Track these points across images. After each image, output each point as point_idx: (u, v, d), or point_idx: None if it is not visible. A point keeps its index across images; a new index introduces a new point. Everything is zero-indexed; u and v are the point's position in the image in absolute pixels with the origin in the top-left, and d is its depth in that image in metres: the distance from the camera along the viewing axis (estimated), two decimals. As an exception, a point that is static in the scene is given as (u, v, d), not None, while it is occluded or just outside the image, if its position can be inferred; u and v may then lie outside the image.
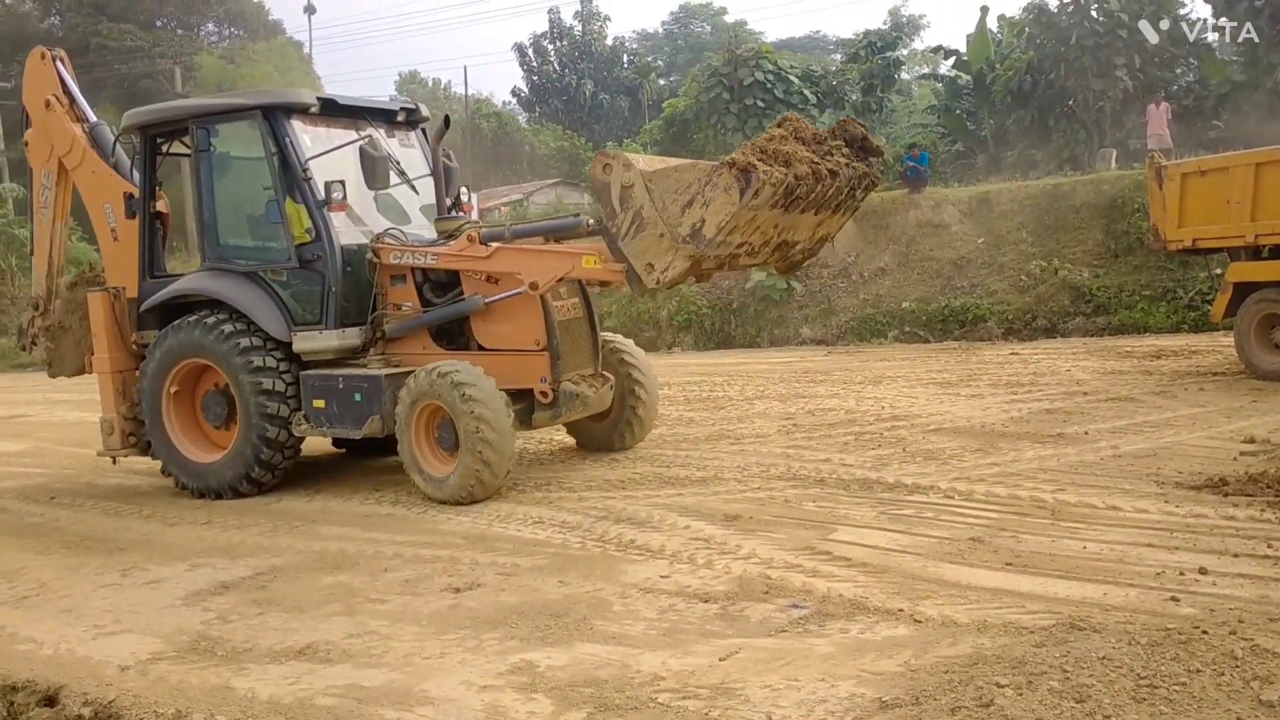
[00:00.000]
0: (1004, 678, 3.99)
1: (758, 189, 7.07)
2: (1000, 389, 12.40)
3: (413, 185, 9.77)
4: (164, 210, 9.94)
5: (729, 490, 7.95)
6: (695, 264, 7.59)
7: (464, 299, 8.83)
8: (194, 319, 9.14)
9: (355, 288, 8.95)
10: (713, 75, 30.76)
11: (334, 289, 8.83)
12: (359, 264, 8.95)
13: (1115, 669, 3.97)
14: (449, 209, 9.68)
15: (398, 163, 9.50)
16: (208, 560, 7.07)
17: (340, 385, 8.74)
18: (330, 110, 9.30)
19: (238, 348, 8.88)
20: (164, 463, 9.46)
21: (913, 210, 21.55)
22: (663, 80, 51.17)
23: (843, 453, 9.09)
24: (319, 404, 8.81)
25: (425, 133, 10.21)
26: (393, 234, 9.21)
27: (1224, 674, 3.93)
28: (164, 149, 9.87)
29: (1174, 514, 6.44)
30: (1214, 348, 14.51)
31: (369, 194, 9.23)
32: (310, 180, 8.80)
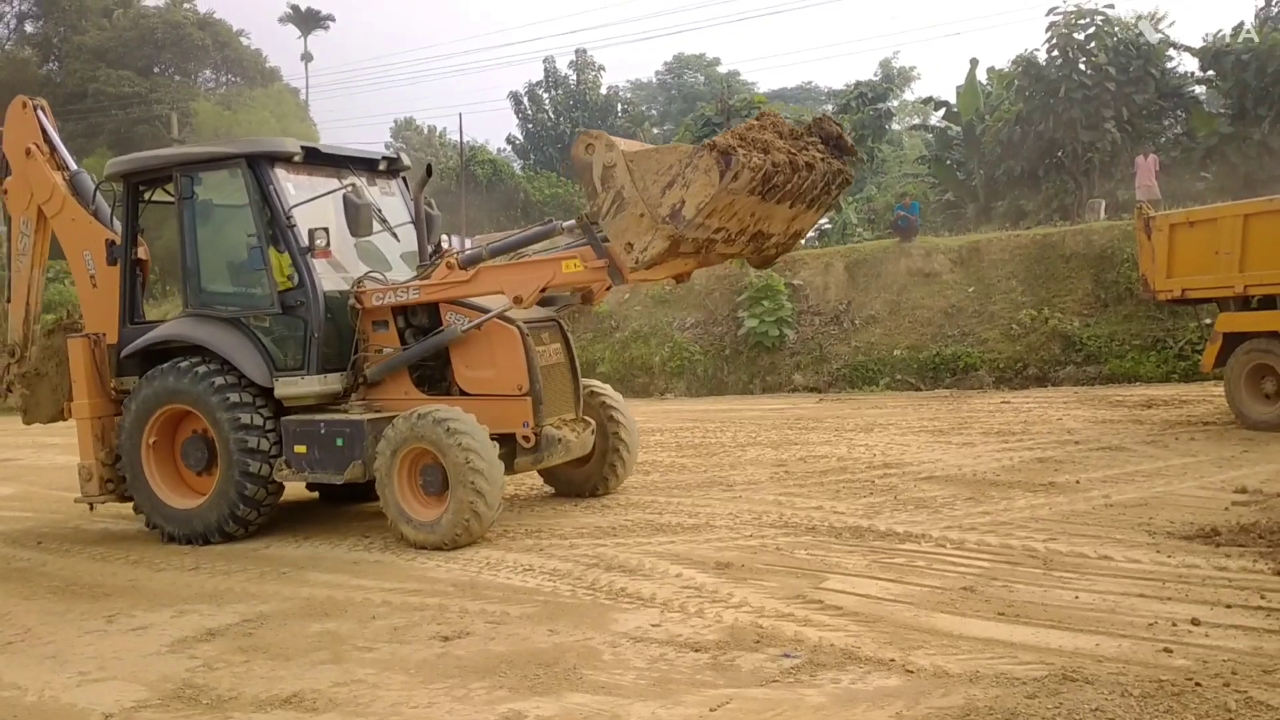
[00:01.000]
0: (996, 729, 3.96)
1: (737, 172, 7.17)
2: (991, 437, 12.42)
3: (394, 233, 9.85)
4: (144, 257, 9.98)
5: (721, 538, 7.91)
6: (674, 245, 7.61)
7: (444, 330, 8.83)
8: (176, 365, 9.14)
9: (336, 334, 8.97)
10: (706, 125, 31.10)
11: (316, 334, 8.84)
12: (340, 310, 8.97)
13: (1108, 721, 3.94)
14: (430, 256, 9.73)
15: (379, 210, 9.57)
16: (194, 606, 7.00)
17: (322, 430, 8.73)
18: (313, 159, 9.39)
19: (220, 394, 8.88)
20: (143, 509, 9.39)
21: (904, 259, 21.68)
22: (656, 129, 51.67)
23: (834, 500, 9.07)
24: (300, 449, 8.79)
25: (406, 181, 10.33)
26: (373, 277, 9.24)
27: (1217, 726, 3.91)
28: (146, 196, 9.89)
29: (1166, 564, 6.42)
30: (1204, 397, 14.56)
31: (350, 241, 9.29)
32: (294, 227, 8.85)
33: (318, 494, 10.82)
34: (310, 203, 9.04)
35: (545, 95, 53.49)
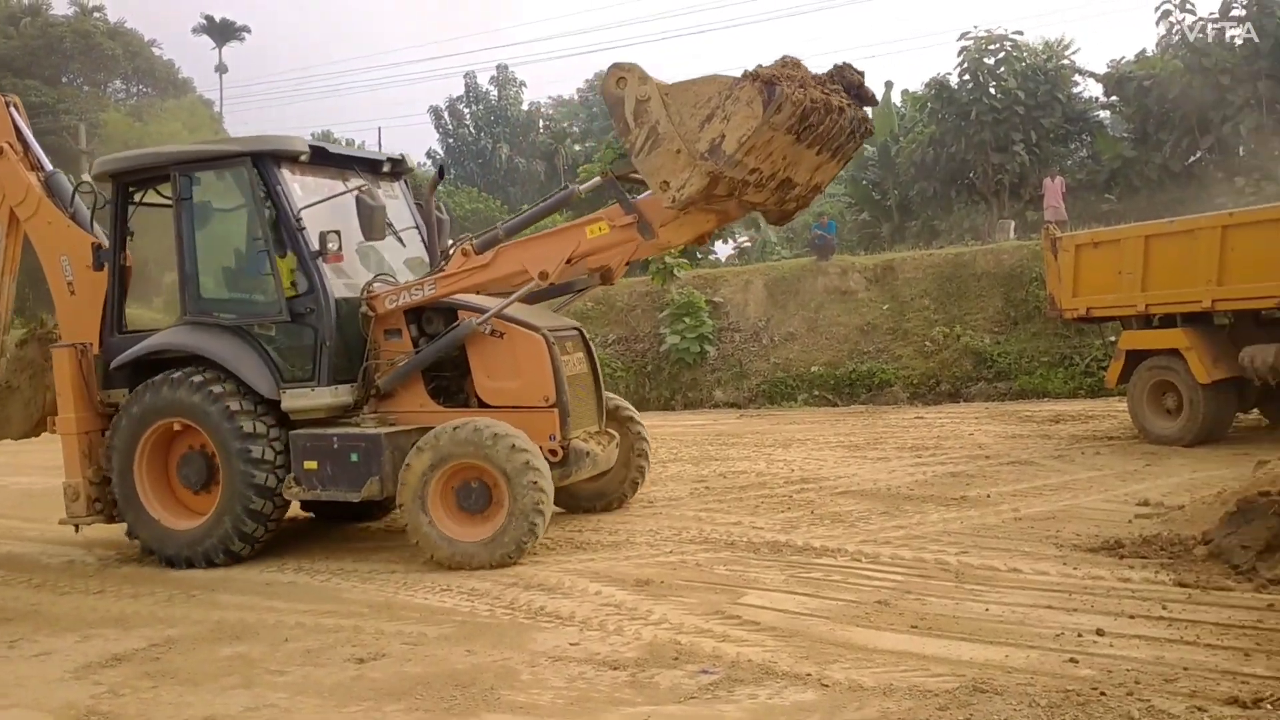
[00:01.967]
0: (909, 741, 4.02)
1: (780, 104, 6.93)
2: (905, 452, 12.65)
3: (400, 237, 9.53)
4: (128, 264, 9.38)
5: (641, 555, 7.93)
6: (713, 182, 7.31)
7: (459, 325, 8.43)
8: (176, 376, 8.57)
9: (344, 343, 8.56)
10: (608, 147, 31.15)
11: (328, 343, 8.41)
12: (349, 318, 8.59)
13: (1016, 731, 4.03)
14: (440, 261, 9.26)
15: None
16: (99, 631, 6.78)
17: (335, 445, 8.25)
18: (318, 158, 9.01)
19: (219, 403, 8.38)
20: (137, 532, 8.81)
21: (821, 277, 22.02)
22: (578, 146, 51.68)
23: (753, 515, 9.15)
24: (311, 466, 8.29)
25: (408, 184, 10.05)
26: (385, 280, 8.91)
27: (1120, 734, 4.02)
28: (137, 198, 9.29)
29: (1072, 576, 6.60)
30: (1109, 412, 15.02)
31: (351, 246, 8.86)
32: (304, 230, 8.46)
33: (313, 513, 10.31)
34: (320, 204, 8.61)
35: (466, 110, 53.29)
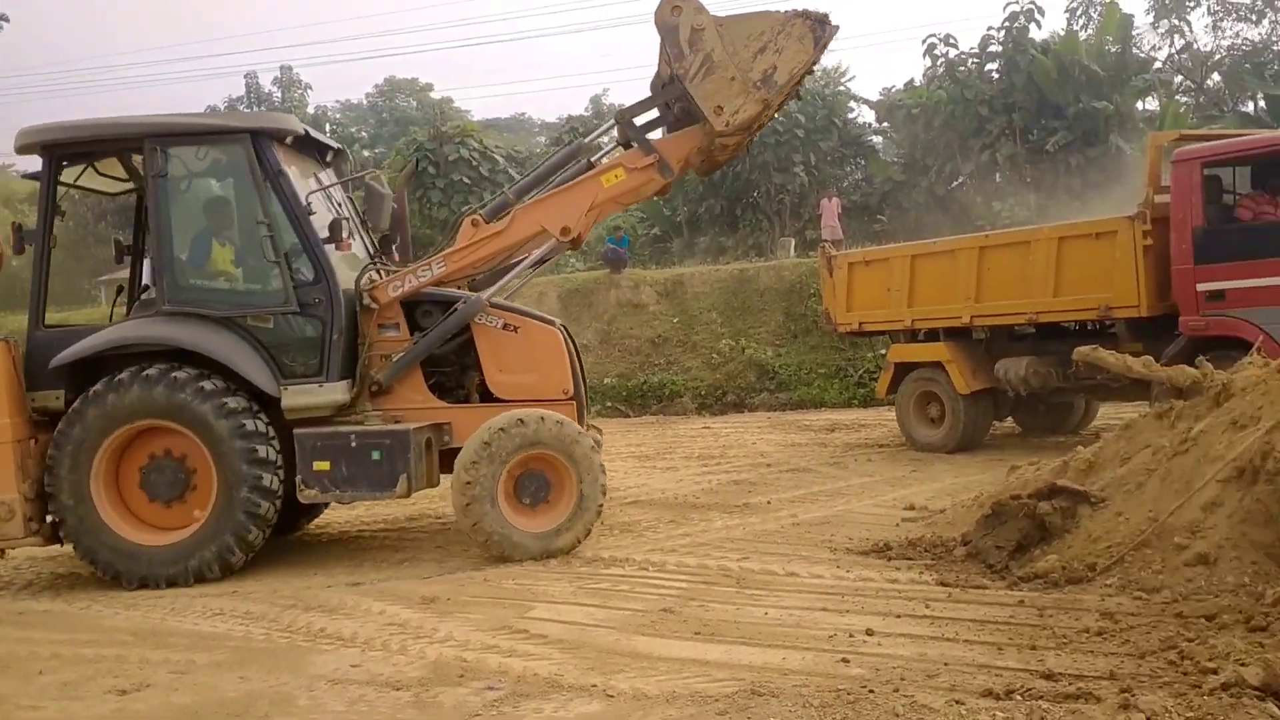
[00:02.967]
0: (690, 747, 4.09)
1: (828, 40, 7.73)
2: (693, 462, 12.95)
3: (367, 230, 9.02)
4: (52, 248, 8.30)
5: (427, 571, 7.78)
6: (764, 109, 7.93)
7: (465, 303, 8.25)
8: (150, 373, 7.67)
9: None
10: (418, 150, 30.73)
11: (336, 337, 7.93)
12: (346, 309, 8.09)
13: (791, 731, 4.17)
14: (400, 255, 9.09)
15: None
16: None
17: (353, 443, 7.79)
18: (297, 143, 8.46)
19: (210, 400, 7.63)
20: (92, 553, 7.78)
21: (614, 290, 22.31)
22: (367, 152, 50.46)
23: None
24: (322, 466, 7.79)
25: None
26: (385, 269, 8.46)
27: (886, 728, 4.23)
28: (73, 177, 8.31)
29: (845, 578, 6.90)
30: (880, 421, 15.83)
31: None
32: (313, 215, 7.96)
33: None
34: (325, 190, 8.31)
35: (246, 111, 51.05)
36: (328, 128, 52.03)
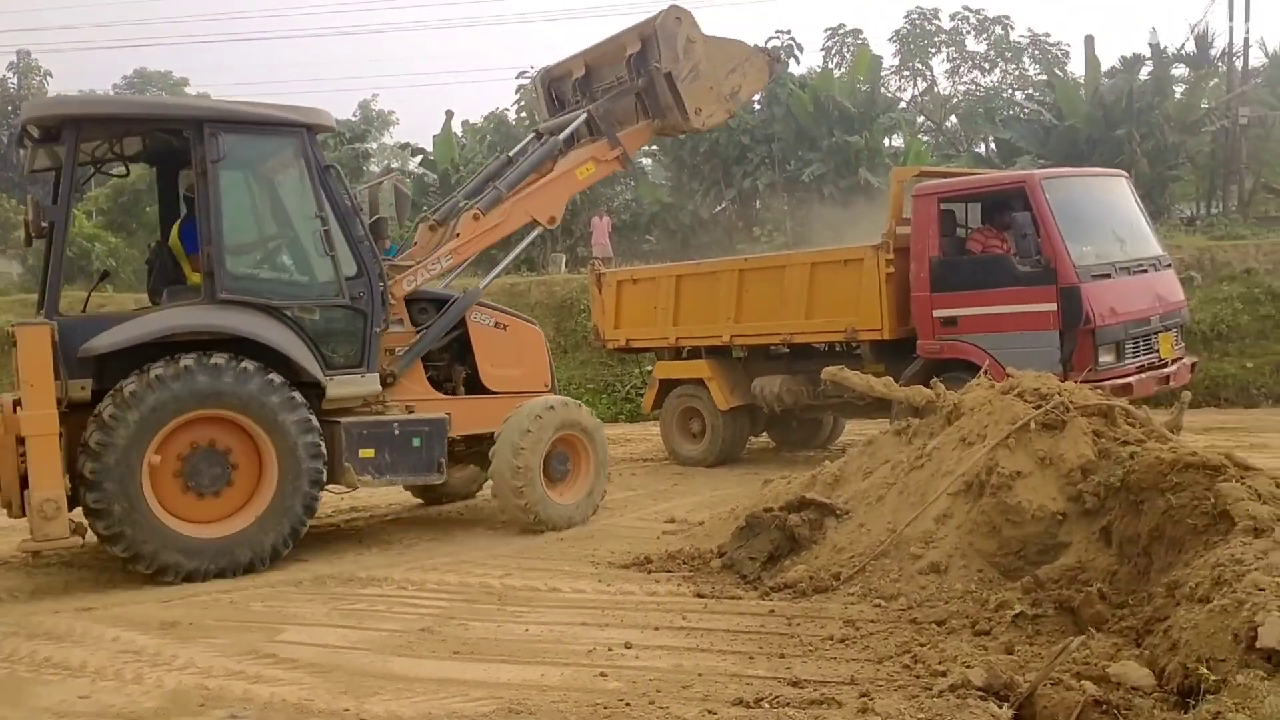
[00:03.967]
0: (445, 769, 4.02)
1: (777, 74, 9.79)
2: (458, 478, 12.74)
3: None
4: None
5: (167, 595, 7.30)
6: (726, 118, 10.63)
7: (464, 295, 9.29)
8: (216, 361, 7.56)
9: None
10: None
11: (377, 329, 8.36)
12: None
13: (548, 748, 4.16)
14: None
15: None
16: None
17: (396, 431, 8.38)
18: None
19: (279, 393, 7.72)
20: (135, 541, 7.38)
21: (378, 300, 21.72)
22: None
23: (298, 548, 8.74)
24: (367, 454, 8.24)
25: None
26: (396, 265, 8.99)
27: (640, 741, 4.29)
28: (99, 153, 8.31)
29: (606, 592, 6.97)
30: (645, 436, 16.13)
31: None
32: (362, 210, 8.50)
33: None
34: (369, 186, 9.00)
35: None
36: (68, 118, 48.32)
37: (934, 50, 38.87)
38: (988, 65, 39.03)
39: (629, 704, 4.74)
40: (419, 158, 33.59)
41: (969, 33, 38.82)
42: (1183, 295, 11.60)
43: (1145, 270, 10.86)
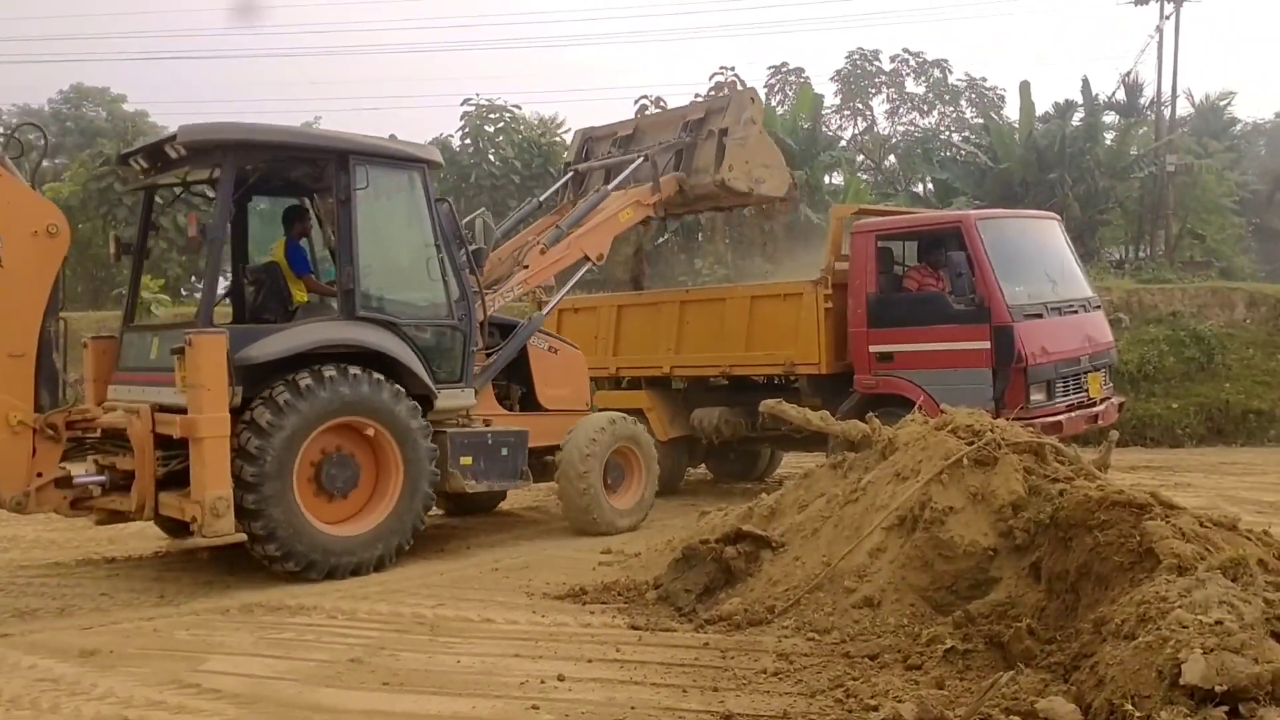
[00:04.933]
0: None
1: (788, 203, 12.66)
2: (393, 505, 12.56)
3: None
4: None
5: (89, 621, 7.11)
6: (745, 195, 12.03)
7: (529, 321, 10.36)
8: (355, 373, 8.33)
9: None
10: (105, 163, 28.54)
11: (474, 347, 9.32)
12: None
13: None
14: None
15: None
16: None
17: (489, 441, 9.38)
18: None
19: (414, 409, 8.66)
20: (287, 541, 7.99)
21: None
22: (47, 162, 46.22)
23: (230, 574, 8.58)
24: (466, 461, 9.16)
25: None
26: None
27: (571, 774, 4.24)
28: (251, 179, 9.02)
29: (540, 623, 6.90)
30: (583, 467, 16.04)
31: None
32: (472, 240, 9.61)
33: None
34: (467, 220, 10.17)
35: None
36: (1, 133, 47.33)
37: (874, 91, 39.57)
38: (926, 107, 39.82)
39: (560, 736, 4.69)
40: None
41: (909, 74, 39.59)
42: (1111, 336, 11.89)
43: (1076, 311, 11.12)
